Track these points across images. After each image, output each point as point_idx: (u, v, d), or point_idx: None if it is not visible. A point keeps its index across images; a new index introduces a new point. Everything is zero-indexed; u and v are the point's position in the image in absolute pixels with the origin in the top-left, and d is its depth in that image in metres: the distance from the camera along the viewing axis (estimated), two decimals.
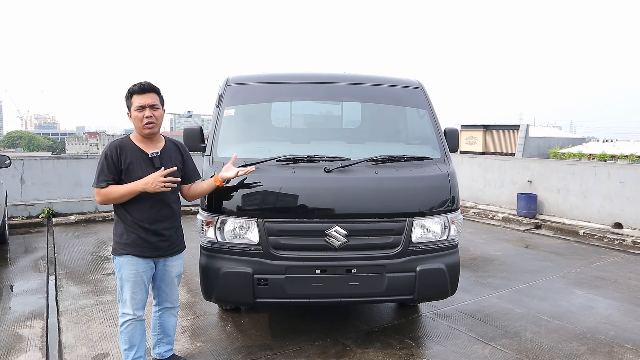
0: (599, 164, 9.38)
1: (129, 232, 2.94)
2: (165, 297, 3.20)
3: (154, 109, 2.92)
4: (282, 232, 3.36)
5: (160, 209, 2.99)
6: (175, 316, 3.33)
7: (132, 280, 2.96)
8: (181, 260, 3.22)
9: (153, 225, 2.96)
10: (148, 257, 2.99)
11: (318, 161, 3.50)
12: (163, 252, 3.05)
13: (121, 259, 2.97)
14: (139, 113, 2.89)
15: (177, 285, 3.25)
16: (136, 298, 2.99)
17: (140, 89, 2.91)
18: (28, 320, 4.32)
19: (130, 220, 2.94)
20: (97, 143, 78.55)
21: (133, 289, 2.97)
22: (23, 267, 5.98)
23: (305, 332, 4.04)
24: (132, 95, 2.92)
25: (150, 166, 2.94)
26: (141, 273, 2.98)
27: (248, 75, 4.25)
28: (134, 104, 2.91)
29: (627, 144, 38.23)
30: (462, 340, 3.97)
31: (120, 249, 2.97)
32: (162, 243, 3.02)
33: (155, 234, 2.97)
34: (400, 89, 4.23)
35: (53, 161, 9.43)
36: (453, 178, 3.67)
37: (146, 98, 2.90)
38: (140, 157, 2.93)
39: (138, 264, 2.96)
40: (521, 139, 35.66)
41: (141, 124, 2.90)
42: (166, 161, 3.00)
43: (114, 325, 4.21)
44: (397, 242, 3.44)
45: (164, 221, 3.01)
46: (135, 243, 2.94)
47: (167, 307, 3.25)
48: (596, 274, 5.96)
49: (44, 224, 8.61)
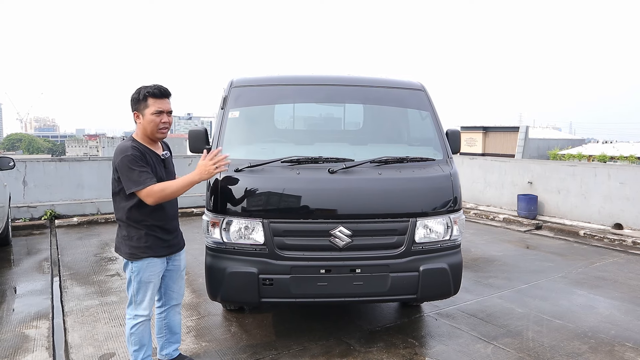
0: (599, 165, 9.42)
1: (148, 235, 2.97)
2: (171, 294, 3.26)
3: (170, 115, 2.98)
4: (287, 232, 3.40)
5: (172, 207, 3.13)
6: (179, 313, 3.38)
7: (153, 281, 3.03)
8: (184, 255, 3.33)
9: (168, 224, 3.08)
10: (164, 255, 3.08)
11: (322, 162, 3.54)
12: (174, 249, 3.17)
13: (141, 263, 2.96)
14: (156, 117, 2.89)
15: (183, 279, 3.33)
16: (153, 299, 3.10)
17: (161, 93, 2.89)
18: (34, 321, 4.35)
19: (151, 223, 2.97)
20: (97, 145, 78.57)
21: (153, 290, 3.04)
22: (27, 269, 6.02)
23: (309, 332, 4.08)
24: (147, 97, 2.87)
25: (163, 166, 3.06)
26: (159, 273, 3.08)
27: (252, 77, 4.29)
28: (151, 107, 2.87)
29: (627, 145, 38.31)
30: (464, 340, 4.01)
31: (141, 252, 2.95)
32: (174, 240, 3.16)
33: (169, 232, 3.10)
34: (403, 91, 4.27)
35: (55, 163, 9.47)
36: (455, 179, 3.72)
37: (165, 103, 2.92)
38: (155, 158, 3.02)
39: (157, 265, 3.04)
40: (521, 141, 35.74)
41: (156, 129, 2.92)
42: (169, 160, 3.17)
43: (120, 325, 4.24)
44: (400, 242, 3.48)
45: (174, 219, 3.17)
46: (155, 244, 3.00)
47: (173, 304, 3.30)
48: (597, 274, 6.00)
49: (46, 226, 8.65)
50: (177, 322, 3.36)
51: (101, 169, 9.68)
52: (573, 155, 33.46)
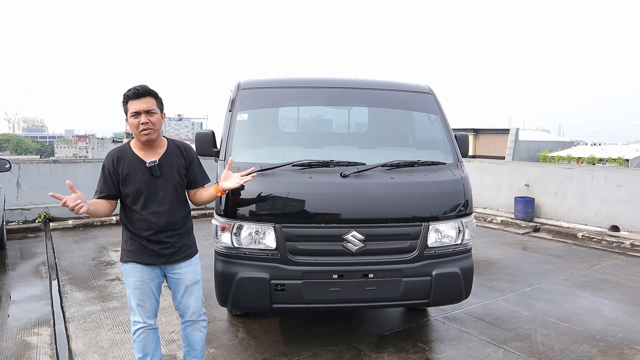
0: (596, 168, 9.51)
1: (132, 240, 2.87)
2: (184, 309, 3.03)
3: (150, 114, 2.74)
4: (299, 237, 3.35)
5: (160, 220, 2.83)
6: (200, 331, 3.11)
7: (138, 287, 2.87)
8: (193, 267, 3.01)
9: (154, 236, 2.83)
10: (152, 264, 2.88)
11: (333, 166, 3.50)
12: (167, 259, 2.90)
13: (127, 266, 2.89)
14: (134, 119, 2.73)
15: (195, 295, 3.01)
16: (145, 306, 2.90)
17: (135, 94, 2.74)
18: (35, 328, 4.25)
19: (132, 230, 2.86)
20: (86, 146, 77.63)
21: (140, 297, 2.88)
22: (24, 273, 5.90)
23: (318, 337, 4.04)
24: (127, 100, 2.77)
25: (149, 175, 2.82)
26: (147, 280, 2.88)
27: (259, 79, 4.25)
28: (130, 109, 2.75)
29: (615, 147, 38.85)
30: (474, 344, 3.99)
31: (125, 256, 2.89)
32: (165, 250, 2.87)
33: (157, 243, 2.85)
34: (411, 94, 4.25)
35: (50, 165, 9.32)
36: (467, 183, 3.70)
37: (141, 103, 2.73)
38: (138, 166, 2.82)
39: (143, 272, 2.87)
40: (511, 143, 36.01)
41: (137, 131, 2.75)
42: (166, 168, 2.86)
43: (124, 332, 4.16)
44: (413, 246, 3.45)
45: (166, 231, 2.86)
46: (139, 250, 2.85)
47: (188, 319, 3.06)
48: (598, 276, 6.03)
49: (41, 229, 8.51)
50: (197, 339, 3.12)
51: (96, 171, 9.47)
52: (562, 158, 33.82)
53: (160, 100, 2.86)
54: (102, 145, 57.87)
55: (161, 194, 2.84)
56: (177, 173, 2.91)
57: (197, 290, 3.05)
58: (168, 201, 2.86)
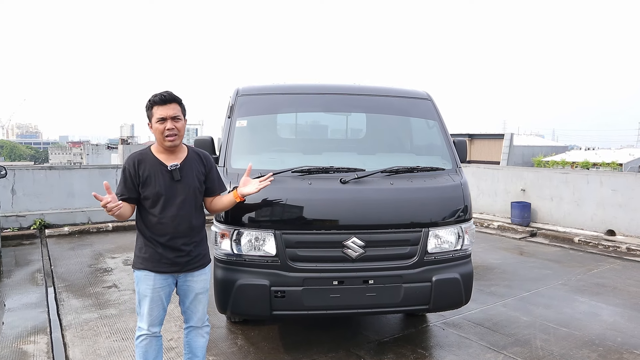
0: (591, 173, 9.56)
1: (147, 247, 2.87)
2: (190, 315, 3.04)
3: (176, 120, 2.80)
4: (300, 243, 3.34)
5: (179, 225, 2.85)
6: (203, 337, 3.11)
7: (149, 295, 2.87)
8: (205, 276, 3.02)
9: (170, 242, 2.84)
10: (165, 272, 2.88)
11: (333, 172, 3.50)
12: (182, 267, 2.89)
13: (139, 273, 2.90)
14: (160, 125, 2.79)
15: (203, 303, 3.04)
16: (152, 314, 2.90)
17: (162, 99, 2.79)
18: (31, 336, 4.21)
19: (149, 235, 2.86)
20: (81, 153, 77.12)
21: (150, 305, 2.88)
22: (20, 281, 5.84)
23: (317, 344, 4.02)
24: (152, 106, 2.82)
25: (170, 179, 2.85)
26: (158, 289, 2.88)
27: (258, 85, 4.25)
28: (155, 115, 2.80)
29: (608, 152, 39.15)
30: (474, 349, 3.99)
31: (139, 263, 2.90)
32: (180, 259, 2.88)
33: (173, 250, 2.86)
34: (410, 100, 4.27)
35: (45, 171, 9.27)
36: (466, 188, 3.71)
37: (167, 109, 2.80)
38: (159, 169, 2.85)
39: (155, 280, 2.86)
40: (506, 147, 36.19)
41: (162, 137, 2.80)
42: (187, 173, 2.88)
43: (122, 339, 4.13)
44: (413, 252, 3.45)
45: (183, 237, 2.87)
46: (153, 258, 2.85)
47: (192, 325, 3.07)
48: (596, 280, 6.05)
49: (36, 236, 8.44)
50: (199, 345, 3.11)
51: (92, 177, 9.51)
52: (557, 162, 34.02)
53: (184, 106, 2.91)
54: (96, 151, 57.50)
55: (180, 198, 2.85)
56: (197, 179, 2.93)
57: (205, 298, 3.07)
58: (187, 206, 2.87)
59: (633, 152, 39.04)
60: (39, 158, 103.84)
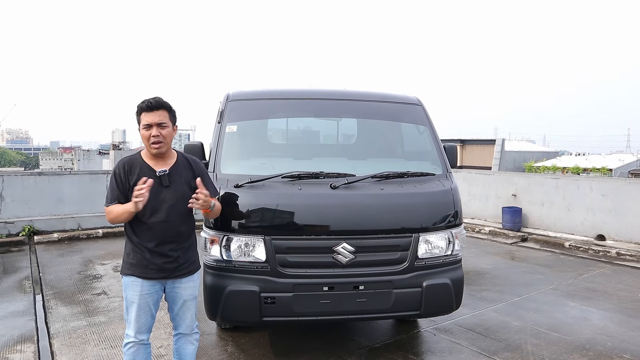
0: (581, 178, 9.64)
1: (135, 252, 2.85)
2: (179, 321, 3.01)
3: (162, 127, 2.79)
4: (290, 249, 3.33)
5: (166, 230, 2.83)
6: (192, 344, 3.09)
7: (136, 302, 2.84)
8: (193, 283, 2.99)
9: (158, 247, 2.82)
10: (152, 278, 2.85)
11: (323, 178, 3.49)
12: (169, 273, 2.86)
13: (127, 279, 2.87)
14: (145, 132, 2.78)
15: (191, 310, 3.01)
16: (140, 321, 2.86)
17: (148, 106, 2.78)
18: (18, 345, 4.14)
19: (136, 241, 2.84)
20: (72, 158, 76.52)
21: (137, 312, 2.85)
22: (7, 288, 5.76)
23: (308, 350, 3.99)
24: (140, 112, 2.81)
25: (158, 184, 2.82)
26: (145, 295, 2.84)
27: (248, 91, 4.24)
28: (142, 122, 2.80)
29: (599, 157, 39.53)
30: (465, 355, 3.98)
31: (126, 268, 2.87)
32: (168, 265, 2.85)
33: (161, 256, 2.83)
34: (400, 105, 4.29)
35: (35, 177, 9.17)
36: (456, 193, 3.72)
37: (153, 116, 2.78)
38: (148, 174, 2.82)
39: (142, 286, 2.83)
40: (497, 153, 36.41)
41: (148, 143, 2.80)
42: (175, 179, 2.87)
43: (110, 347, 4.08)
44: (403, 257, 3.45)
45: (170, 243, 2.85)
46: (140, 264, 2.83)
47: (181, 332, 3.04)
48: (586, 285, 6.08)
49: (25, 242, 8.34)
50: (187, 352, 3.08)
51: (82, 183, 9.41)
52: (548, 167, 34.28)
53: (173, 113, 2.89)
54: (88, 157, 57.01)
55: (168, 204, 2.83)
56: (186, 185, 2.91)
57: (194, 304, 3.04)
58: (175, 212, 2.85)
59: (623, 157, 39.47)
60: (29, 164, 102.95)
